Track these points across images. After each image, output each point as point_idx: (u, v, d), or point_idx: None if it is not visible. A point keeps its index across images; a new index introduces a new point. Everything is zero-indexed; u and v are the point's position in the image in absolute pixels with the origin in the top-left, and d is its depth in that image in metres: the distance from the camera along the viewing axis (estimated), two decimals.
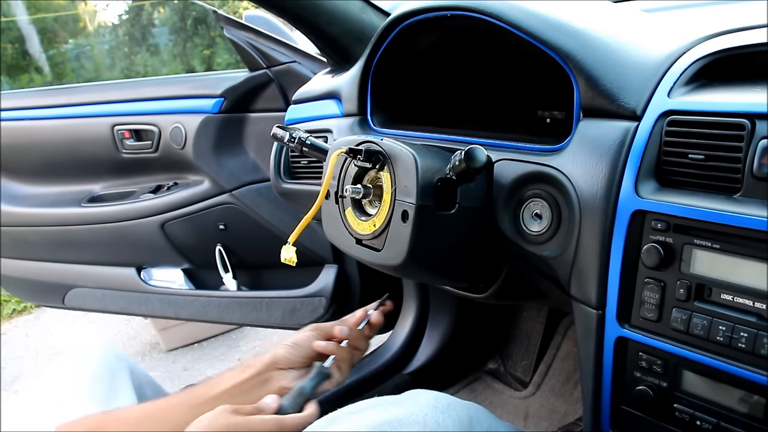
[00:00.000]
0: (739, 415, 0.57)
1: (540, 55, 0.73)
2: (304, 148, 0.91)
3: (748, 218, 0.53)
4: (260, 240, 1.58)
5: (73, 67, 5.37)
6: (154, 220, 1.65)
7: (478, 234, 0.77)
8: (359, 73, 1.00)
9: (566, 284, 0.71)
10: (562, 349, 1.48)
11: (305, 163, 1.16)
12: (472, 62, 1.04)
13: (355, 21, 1.20)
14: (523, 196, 0.74)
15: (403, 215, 0.74)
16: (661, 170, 0.61)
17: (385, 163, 0.77)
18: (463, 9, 0.80)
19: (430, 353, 1.53)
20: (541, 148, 0.74)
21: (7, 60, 4.72)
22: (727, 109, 0.57)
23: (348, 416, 0.71)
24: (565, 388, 1.43)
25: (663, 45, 0.68)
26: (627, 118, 0.64)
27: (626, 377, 0.66)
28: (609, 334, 0.66)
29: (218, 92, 1.52)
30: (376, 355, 1.54)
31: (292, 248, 0.80)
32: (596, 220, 0.65)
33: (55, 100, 1.74)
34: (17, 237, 1.84)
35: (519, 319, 1.58)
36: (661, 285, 0.60)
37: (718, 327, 0.57)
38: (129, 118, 1.64)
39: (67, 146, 1.73)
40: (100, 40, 5.72)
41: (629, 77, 0.66)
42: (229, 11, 1.82)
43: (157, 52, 5.75)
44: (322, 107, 1.13)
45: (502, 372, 1.58)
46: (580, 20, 0.73)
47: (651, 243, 0.60)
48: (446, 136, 0.87)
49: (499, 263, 0.83)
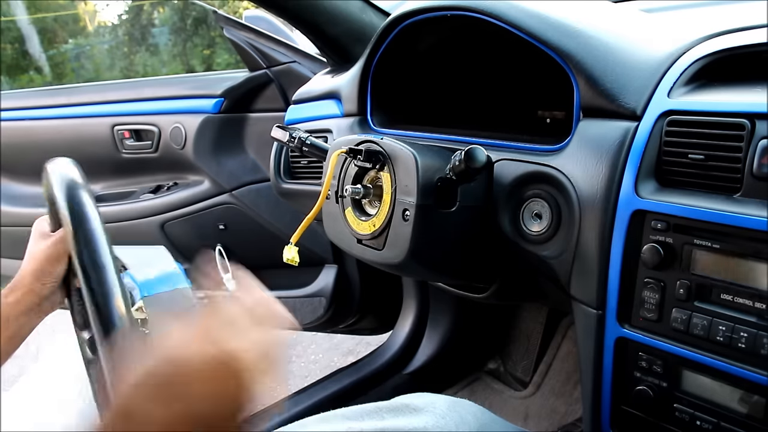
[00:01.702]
0: (739, 415, 0.57)
1: (540, 55, 0.73)
2: (304, 148, 0.91)
3: (748, 218, 0.53)
4: (260, 240, 1.58)
5: (73, 67, 5.37)
6: (154, 220, 1.65)
7: (478, 232, 0.77)
8: (359, 73, 1.00)
9: (566, 284, 0.71)
10: (562, 349, 1.48)
11: (305, 163, 1.16)
12: (472, 62, 1.04)
13: (355, 21, 1.20)
14: (523, 196, 0.74)
15: (403, 214, 0.74)
16: (661, 170, 0.61)
17: (386, 163, 0.77)
18: (463, 9, 0.81)
19: (430, 353, 1.53)
20: (541, 148, 0.74)
21: (7, 60, 4.72)
22: (727, 109, 0.57)
23: (342, 421, 0.71)
24: (565, 388, 1.43)
25: (663, 45, 0.68)
26: (627, 118, 0.64)
27: (626, 377, 0.66)
28: (609, 334, 0.66)
29: (218, 92, 1.52)
30: (376, 355, 1.55)
31: (294, 248, 0.80)
32: (596, 220, 0.65)
33: (55, 100, 1.75)
34: (17, 237, 1.84)
35: (519, 319, 1.58)
36: (661, 285, 0.60)
37: (718, 327, 0.57)
38: (129, 118, 1.63)
39: (67, 146, 1.72)
40: (100, 40, 5.73)
41: (629, 77, 0.66)
42: (229, 11, 1.82)
43: (157, 52, 5.75)
44: (322, 107, 1.13)
45: (502, 372, 1.58)
46: (580, 20, 0.73)
47: (651, 243, 0.60)
48: (446, 136, 0.87)
49: (499, 263, 0.83)
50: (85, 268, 0.52)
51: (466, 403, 0.76)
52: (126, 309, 0.50)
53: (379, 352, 1.56)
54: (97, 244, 0.53)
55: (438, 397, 0.76)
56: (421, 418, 0.71)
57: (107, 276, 0.51)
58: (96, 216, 0.55)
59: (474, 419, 0.73)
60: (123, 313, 0.50)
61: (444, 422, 0.70)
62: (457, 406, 0.74)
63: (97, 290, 0.50)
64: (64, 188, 0.57)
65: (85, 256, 0.52)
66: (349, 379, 1.49)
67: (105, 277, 0.51)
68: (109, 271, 0.52)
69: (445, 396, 0.77)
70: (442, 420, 0.70)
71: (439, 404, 0.74)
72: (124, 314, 0.50)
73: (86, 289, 0.51)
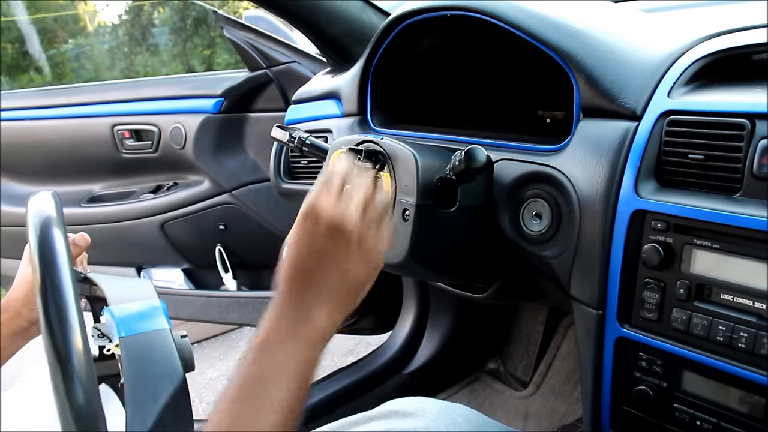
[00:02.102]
0: (739, 415, 0.57)
1: (540, 55, 0.73)
2: (304, 148, 0.91)
3: (748, 218, 0.53)
4: (260, 240, 1.58)
5: (73, 67, 5.36)
6: (154, 220, 1.65)
7: (478, 233, 0.77)
8: (359, 73, 1.00)
9: (566, 284, 0.71)
10: (562, 349, 1.48)
11: (305, 163, 1.16)
12: (472, 62, 1.04)
13: (355, 21, 1.20)
14: (523, 196, 0.74)
15: (403, 214, 0.74)
16: (661, 170, 0.61)
17: (386, 163, 0.77)
18: (463, 9, 0.81)
19: (430, 353, 1.53)
20: (541, 148, 0.74)
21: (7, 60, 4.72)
22: (726, 109, 0.57)
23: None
24: (565, 388, 1.43)
25: (663, 45, 0.68)
26: (627, 118, 0.64)
27: (626, 377, 0.66)
28: (609, 334, 0.66)
29: (218, 92, 1.52)
30: (376, 355, 1.54)
31: None
32: (596, 220, 0.65)
33: (55, 100, 1.75)
34: (17, 237, 1.84)
35: (519, 319, 1.57)
36: (661, 285, 0.60)
37: (718, 327, 0.57)
38: (129, 118, 1.64)
39: (67, 146, 1.73)
40: (100, 40, 5.72)
41: (629, 77, 0.66)
42: (229, 11, 1.82)
43: (157, 52, 5.75)
44: (322, 107, 1.13)
45: (502, 372, 1.58)
46: (580, 20, 0.73)
47: (651, 243, 0.60)
48: (446, 136, 0.87)
49: (499, 263, 0.83)
50: (50, 321, 0.49)
51: (457, 406, 0.76)
52: (87, 371, 0.48)
53: (379, 352, 1.55)
54: (63, 298, 0.50)
55: (428, 401, 0.76)
56: (410, 422, 0.70)
57: (70, 335, 0.49)
58: (65, 263, 0.52)
59: (465, 422, 0.73)
60: (81, 375, 0.48)
61: (434, 425, 0.70)
62: (448, 409, 0.74)
63: (61, 348, 0.48)
64: (37, 230, 0.54)
65: (51, 310, 0.50)
66: (349, 379, 1.48)
67: (68, 335, 0.49)
68: (73, 330, 0.49)
69: (435, 399, 0.76)
70: (432, 423, 0.70)
71: (430, 408, 0.73)
72: (82, 376, 0.48)
73: (49, 342, 0.49)
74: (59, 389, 0.47)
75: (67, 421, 0.47)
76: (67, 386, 0.47)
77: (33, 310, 0.71)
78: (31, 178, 1.83)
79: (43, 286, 0.51)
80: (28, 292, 0.73)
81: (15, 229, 1.83)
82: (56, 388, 0.48)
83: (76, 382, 0.48)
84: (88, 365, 0.49)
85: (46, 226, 0.55)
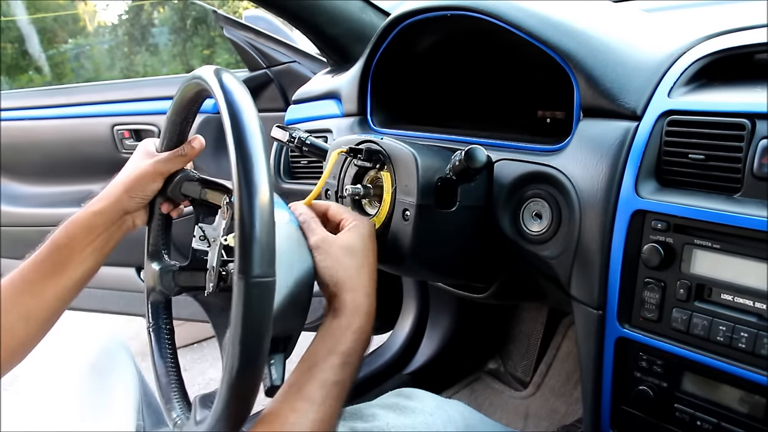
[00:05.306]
0: (739, 415, 0.57)
1: (540, 55, 0.73)
2: (304, 148, 0.91)
3: (748, 218, 0.53)
4: None
5: (72, 67, 5.36)
6: None
7: (478, 233, 0.77)
8: (359, 73, 1.00)
9: (566, 284, 0.71)
10: (562, 349, 1.48)
11: (305, 163, 1.16)
12: (472, 62, 1.04)
13: (355, 21, 1.20)
14: (523, 196, 0.74)
15: (403, 214, 0.74)
16: (661, 170, 0.61)
17: (386, 163, 0.77)
18: (463, 9, 0.80)
19: (430, 353, 1.53)
20: (541, 148, 0.74)
21: (7, 60, 4.72)
22: (727, 109, 0.57)
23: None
24: (565, 388, 1.43)
25: (663, 45, 0.68)
26: (627, 118, 0.64)
27: (626, 377, 0.66)
28: (609, 335, 0.66)
29: None
30: (376, 355, 1.54)
31: None
32: (596, 220, 0.65)
33: (55, 100, 1.74)
34: (17, 237, 1.84)
35: (519, 319, 1.58)
36: (661, 285, 0.60)
37: (719, 327, 0.57)
38: (129, 118, 1.63)
39: (66, 146, 1.73)
40: (99, 40, 5.72)
41: (629, 77, 0.66)
42: (229, 11, 1.82)
43: (157, 52, 5.75)
44: (322, 107, 1.13)
45: (502, 372, 1.58)
46: (580, 20, 0.73)
47: (651, 243, 0.60)
48: (446, 136, 0.87)
49: (499, 263, 0.83)
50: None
51: (454, 403, 0.77)
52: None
53: (379, 352, 1.55)
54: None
55: (427, 395, 0.77)
56: (409, 417, 0.71)
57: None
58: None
59: (461, 418, 0.74)
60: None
61: (432, 420, 0.71)
62: (445, 405, 0.75)
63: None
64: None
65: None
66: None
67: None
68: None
69: (434, 395, 0.78)
70: (430, 418, 0.71)
71: (428, 402, 0.74)
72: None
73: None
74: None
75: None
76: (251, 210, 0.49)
77: (133, 198, 0.74)
78: (31, 178, 1.83)
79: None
80: (132, 179, 0.73)
81: (15, 229, 1.82)
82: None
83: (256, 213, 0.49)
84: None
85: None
